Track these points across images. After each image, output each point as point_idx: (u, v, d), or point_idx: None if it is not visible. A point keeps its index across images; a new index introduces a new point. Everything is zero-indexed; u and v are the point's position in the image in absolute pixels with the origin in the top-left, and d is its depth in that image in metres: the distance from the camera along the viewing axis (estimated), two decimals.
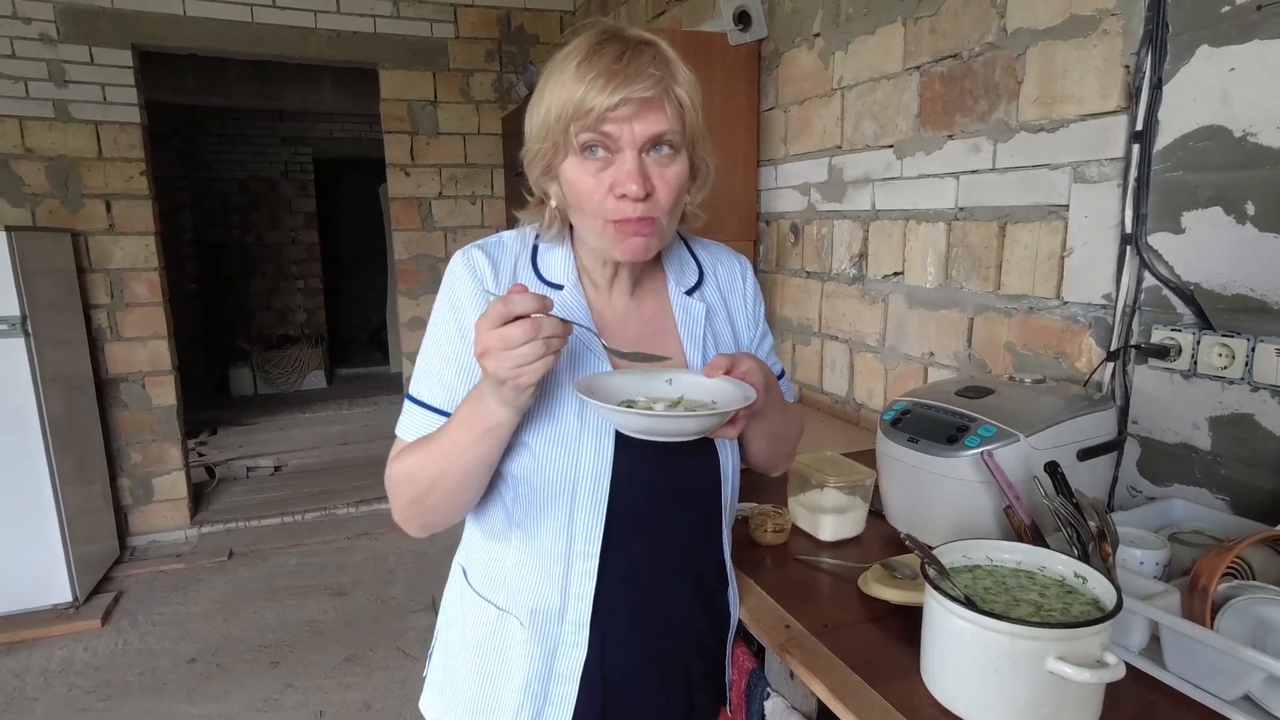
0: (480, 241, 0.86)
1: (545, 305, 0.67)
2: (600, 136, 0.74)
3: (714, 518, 0.92)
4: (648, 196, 0.75)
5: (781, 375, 0.98)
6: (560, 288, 0.85)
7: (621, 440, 0.80)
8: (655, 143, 0.76)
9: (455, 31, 3.70)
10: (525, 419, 0.77)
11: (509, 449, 0.80)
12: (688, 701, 0.92)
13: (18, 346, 2.70)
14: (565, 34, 3.85)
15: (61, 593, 2.89)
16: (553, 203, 0.83)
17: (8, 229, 2.64)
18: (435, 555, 3.44)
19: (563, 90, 0.74)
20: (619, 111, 0.72)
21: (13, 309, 2.67)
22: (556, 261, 0.86)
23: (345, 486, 4.22)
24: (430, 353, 0.84)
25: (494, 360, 0.66)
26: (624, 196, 0.75)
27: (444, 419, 0.81)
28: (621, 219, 0.76)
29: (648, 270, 0.92)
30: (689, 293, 0.92)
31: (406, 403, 0.85)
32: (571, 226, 0.86)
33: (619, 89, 0.71)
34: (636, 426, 0.73)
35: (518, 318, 0.65)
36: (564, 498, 0.81)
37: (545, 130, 0.77)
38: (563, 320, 0.68)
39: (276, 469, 4.56)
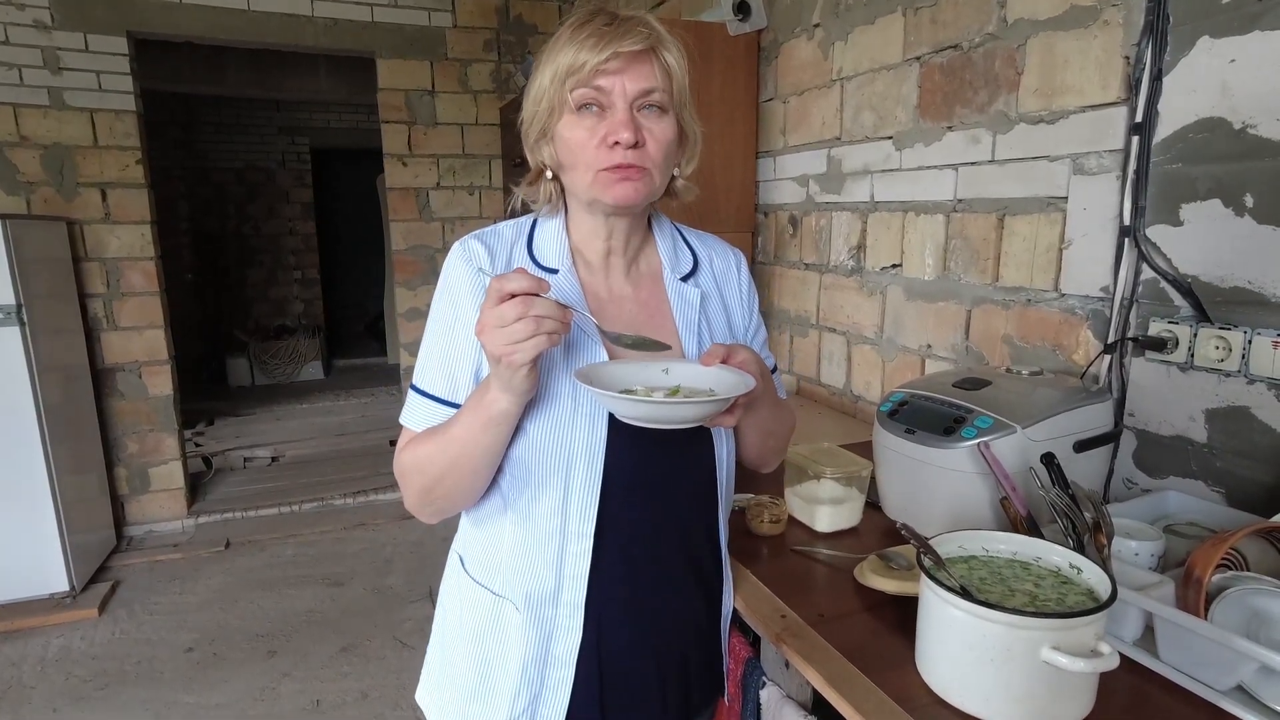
0: (477, 232, 0.88)
1: (541, 287, 0.69)
2: (593, 91, 0.78)
3: (710, 504, 0.92)
4: (638, 146, 0.79)
5: (774, 370, 0.98)
6: (555, 271, 0.86)
7: (615, 422, 0.81)
8: (645, 99, 0.79)
9: (453, 20, 3.68)
10: None
11: None
12: (684, 688, 0.93)
13: (13, 335, 2.69)
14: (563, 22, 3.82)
15: (58, 582, 2.89)
16: (548, 174, 0.86)
17: (2, 217, 2.63)
18: (432, 546, 3.44)
19: (557, 56, 0.79)
20: (610, 65, 0.77)
21: (8, 298, 2.66)
22: (551, 246, 0.88)
23: (342, 477, 4.22)
24: (430, 343, 0.86)
25: (489, 337, 0.69)
26: (616, 144, 0.78)
27: (445, 407, 0.83)
28: (613, 165, 0.79)
29: (644, 255, 0.92)
30: (684, 279, 0.92)
31: (410, 392, 0.87)
32: (566, 208, 0.89)
33: (609, 45, 0.76)
34: (635, 413, 0.74)
35: (514, 296, 0.68)
36: (558, 477, 0.81)
37: (541, 94, 0.81)
38: (561, 305, 0.70)
39: (274, 460, 4.56)
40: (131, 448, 3.51)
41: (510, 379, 0.71)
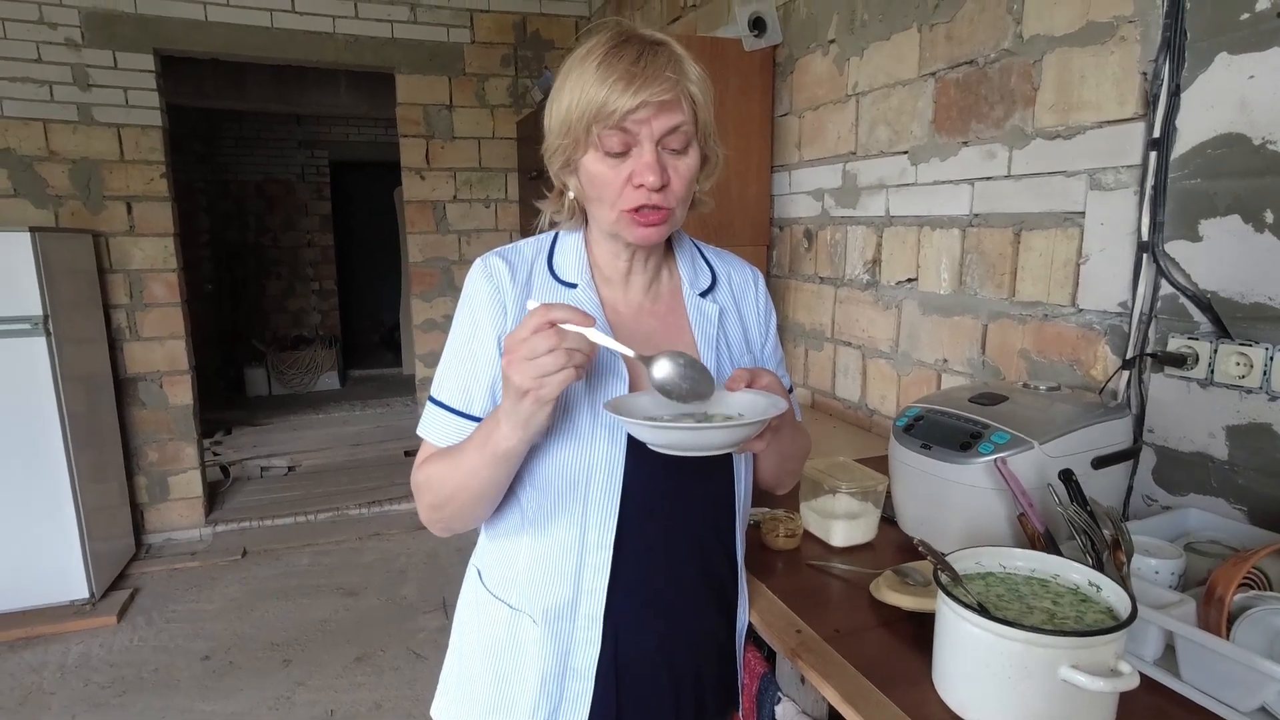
0: (499, 249, 0.89)
1: (586, 321, 0.68)
2: (620, 134, 0.78)
3: (727, 516, 0.92)
4: (663, 187, 0.79)
5: (790, 390, 0.99)
6: (574, 286, 0.87)
7: (633, 437, 0.81)
8: (670, 138, 0.79)
9: (471, 36, 3.73)
10: None
11: None
12: (699, 701, 0.93)
13: (39, 345, 2.74)
14: (580, 38, 3.86)
15: (79, 589, 2.92)
16: (570, 194, 0.87)
17: (31, 230, 2.69)
18: (446, 556, 3.45)
19: (584, 90, 0.77)
20: (639, 114, 0.76)
21: (35, 309, 2.71)
22: (570, 261, 0.89)
23: (358, 487, 4.25)
24: (449, 356, 0.87)
25: (518, 369, 0.69)
26: (641, 186, 0.78)
27: (460, 418, 0.85)
28: (638, 207, 0.79)
29: (663, 271, 0.93)
30: (703, 295, 0.93)
31: (428, 403, 0.88)
32: (586, 223, 0.90)
33: (639, 92, 0.75)
34: (670, 441, 0.72)
35: (553, 326, 0.67)
36: (578, 491, 0.82)
37: (566, 127, 0.80)
38: (589, 339, 0.69)
39: (290, 469, 4.60)
40: (151, 456, 3.56)
41: (531, 416, 0.71)
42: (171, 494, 3.62)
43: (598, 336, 0.71)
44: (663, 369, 0.76)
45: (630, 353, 0.75)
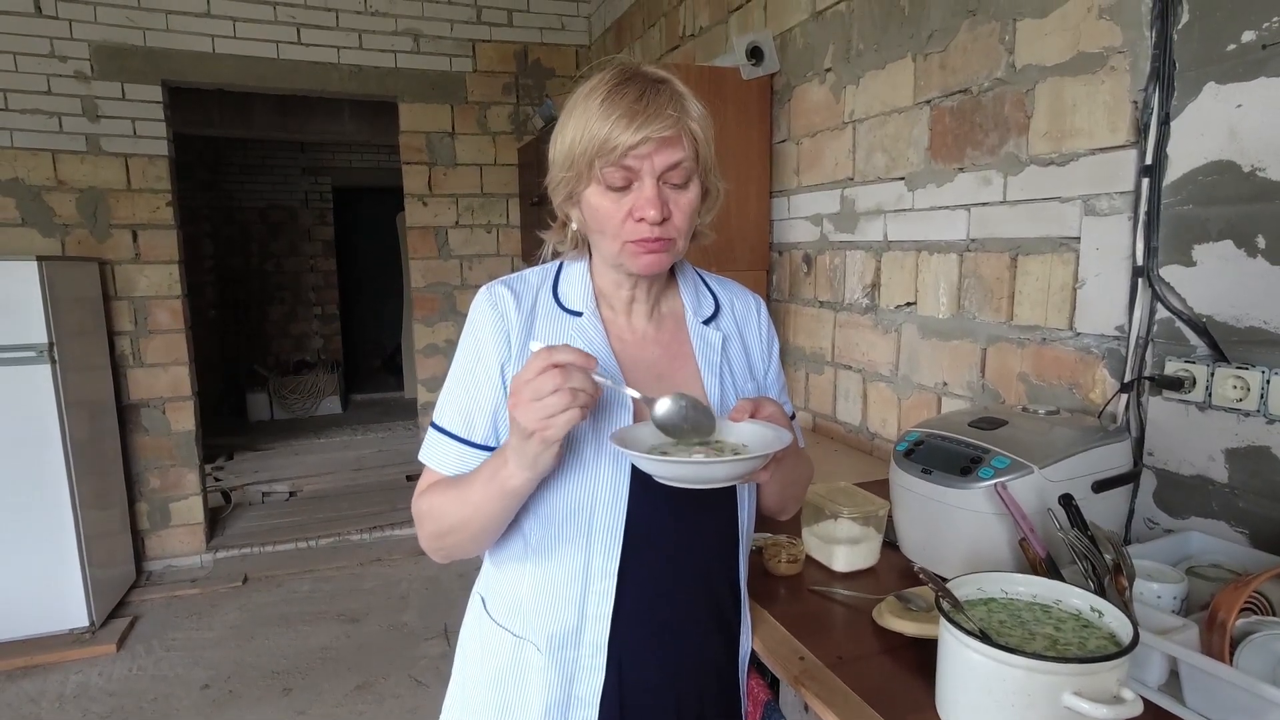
0: (504, 278, 0.91)
1: (589, 363, 0.69)
2: (623, 170, 0.80)
3: (730, 541, 0.93)
4: (664, 221, 0.81)
5: (792, 417, 0.99)
6: (579, 314, 0.88)
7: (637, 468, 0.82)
8: (672, 173, 0.81)
9: (473, 66, 3.79)
10: None
11: None
12: None
13: (44, 373, 2.76)
14: (580, 68, 3.93)
15: (78, 617, 2.91)
16: (574, 225, 0.89)
17: (39, 259, 2.71)
18: (447, 582, 3.43)
19: (587, 126, 0.79)
20: (640, 149, 0.78)
21: (40, 336, 2.73)
22: (575, 289, 0.90)
23: (359, 512, 4.23)
24: (451, 382, 0.88)
25: (523, 410, 0.69)
26: (642, 220, 0.80)
27: (461, 444, 0.86)
28: (640, 239, 0.81)
29: (666, 299, 0.95)
30: (706, 322, 0.95)
31: (429, 429, 0.89)
32: (589, 252, 0.92)
33: (641, 128, 0.77)
34: (675, 474, 0.73)
35: (557, 367, 0.68)
36: (582, 520, 0.83)
37: (570, 161, 0.82)
38: (595, 380, 0.71)
39: (291, 494, 4.58)
40: (153, 483, 3.56)
41: (538, 456, 0.72)
42: (173, 520, 3.61)
43: (601, 379, 0.72)
44: (663, 407, 0.78)
45: (635, 394, 0.77)
